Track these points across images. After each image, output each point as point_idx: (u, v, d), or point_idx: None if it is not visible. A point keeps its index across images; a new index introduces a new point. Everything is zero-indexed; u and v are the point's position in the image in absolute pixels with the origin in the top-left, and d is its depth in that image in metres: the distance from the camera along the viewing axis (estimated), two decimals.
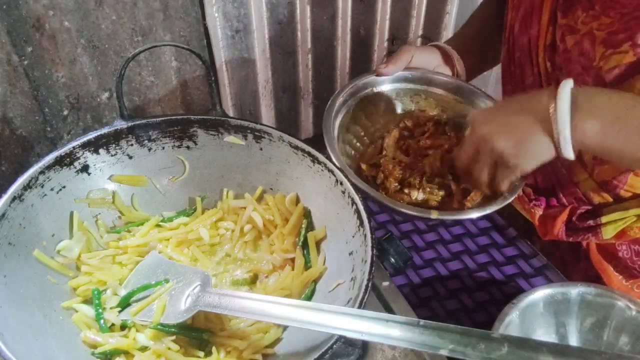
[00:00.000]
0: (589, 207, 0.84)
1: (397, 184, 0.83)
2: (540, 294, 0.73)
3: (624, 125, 0.60)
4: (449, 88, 0.92)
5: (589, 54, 0.72)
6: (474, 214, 0.75)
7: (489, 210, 0.75)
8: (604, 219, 0.82)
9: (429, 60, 0.91)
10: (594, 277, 0.87)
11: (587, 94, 0.62)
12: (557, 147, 0.62)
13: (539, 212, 0.88)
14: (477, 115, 0.69)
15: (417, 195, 0.81)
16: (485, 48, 0.95)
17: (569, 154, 0.62)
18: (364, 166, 0.87)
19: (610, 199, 0.82)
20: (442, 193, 0.82)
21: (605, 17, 0.70)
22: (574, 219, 0.85)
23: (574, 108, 0.60)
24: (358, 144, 0.91)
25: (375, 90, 0.91)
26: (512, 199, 0.75)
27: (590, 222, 0.83)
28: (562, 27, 0.75)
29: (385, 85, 0.91)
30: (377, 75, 0.88)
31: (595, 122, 0.60)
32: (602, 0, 0.70)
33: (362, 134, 0.92)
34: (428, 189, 0.82)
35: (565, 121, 0.60)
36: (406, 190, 0.82)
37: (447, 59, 0.92)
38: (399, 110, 0.93)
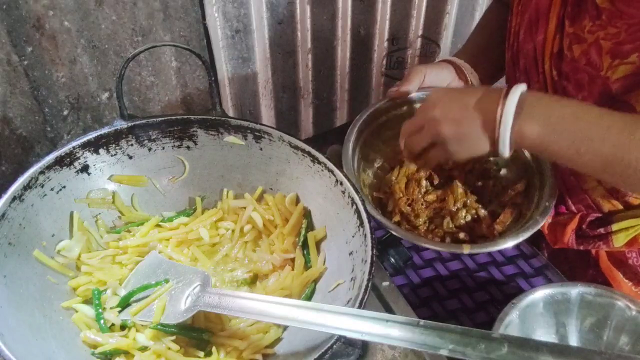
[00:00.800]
0: (599, 215, 0.83)
1: (425, 219, 0.82)
2: (540, 294, 0.73)
3: (563, 133, 0.63)
4: None
5: (596, 64, 0.72)
6: (507, 244, 0.73)
7: (522, 237, 0.73)
8: (614, 227, 0.81)
9: (442, 77, 0.90)
10: (602, 284, 0.87)
11: (533, 102, 0.64)
12: (495, 146, 0.66)
13: (548, 220, 0.87)
14: (436, 94, 0.72)
15: (448, 223, 0.81)
16: (496, 56, 0.94)
17: (505, 153, 0.66)
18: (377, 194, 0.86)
19: (620, 206, 0.82)
20: (468, 218, 0.81)
21: (612, 27, 0.69)
22: (584, 226, 0.84)
23: (518, 113, 0.64)
24: (380, 172, 0.90)
25: (391, 114, 0.89)
26: (544, 221, 0.75)
27: (601, 230, 0.82)
28: (570, 36, 0.75)
29: (401, 109, 0.89)
30: (390, 98, 0.87)
31: (535, 128, 0.64)
32: (609, 10, 0.69)
33: (383, 161, 0.90)
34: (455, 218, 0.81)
35: (507, 127, 0.64)
36: (436, 229, 0.81)
37: (459, 73, 0.91)
38: None
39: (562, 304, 0.74)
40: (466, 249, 0.73)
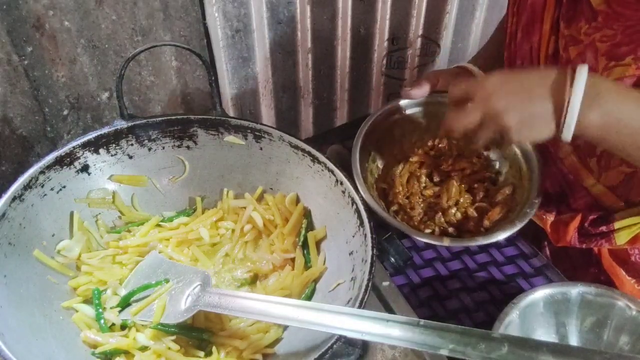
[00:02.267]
0: (601, 213, 0.83)
1: (420, 212, 0.86)
2: (540, 294, 0.73)
3: (628, 124, 0.62)
4: None
5: (592, 66, 0.71)
6: (480, 242, 0.77)
7: (494, 238, 0.76)
8: (616, 225, 0.81)
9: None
10: (605, 282, 0.87)
11: (598, 87, 0.63)
12: (558, 132, 0.64)
13: (550, 218, 0.87)
14: (490, 80, 0.67)
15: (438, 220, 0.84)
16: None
17: (567, 139, 0.64)
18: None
19: (622, 204, 0.81)
20: (459, 215, 0.84)
21: (608, 29, 0.69)
22: (586, 224, 0.84)
23: (585, 100, 0.62)
24: (388, 165, 0.93)
25: (403, 113, 0.92)
26: (522, 225, 0.77)
27: (603, 228, 0.82)
28: (566, 37, 0.75)
29: (412, 109, 0.92)
30: (403, 98, 0.88)
31: (597, 118, 0.62)
32: (605, 12, 0.69)
33: (392, 155, 0.94)
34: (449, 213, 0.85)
35: (575, 113, 0.62)
36: (428, 222, 0.84)
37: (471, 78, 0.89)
38: (426, 131, 0.95)
39: (562, 304, 0.74)
40: (446, 242, 0.76)
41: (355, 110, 1.40)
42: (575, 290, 0.73)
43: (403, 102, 0.91)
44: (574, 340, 0.74)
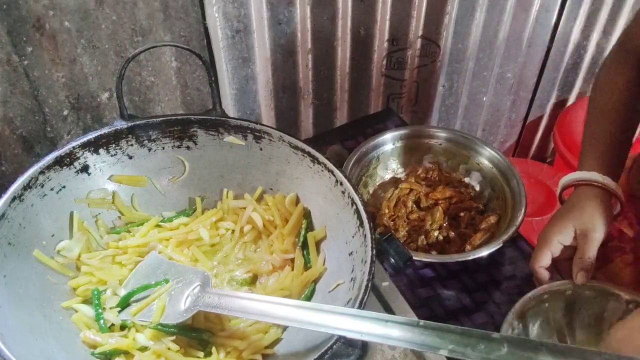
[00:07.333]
0: None
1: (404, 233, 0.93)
2: (547, 290, 0.74)
3: None
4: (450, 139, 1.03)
5: None
6: (451, 259, 0.84)
7: (478, 254, 0.83)
8: None
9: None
10: None
11: None
12: None
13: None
14: None
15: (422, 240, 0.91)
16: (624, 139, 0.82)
17: None
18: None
19: None
20: (441, 238, 0.91)
21: None
22: None
23: None
24: (378, 190, 1.03)
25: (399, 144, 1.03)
26: (497, 247, 0.84)
27: None
28: None
29: (404, 141, 1.03)
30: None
31: None
32: None
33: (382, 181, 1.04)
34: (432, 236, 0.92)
35: None
36: (411, 244, 0.91)
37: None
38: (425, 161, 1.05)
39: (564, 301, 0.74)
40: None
41: (355, 111, 1.40)
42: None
43: (391, 135, 1.01)
44: (576, 337, 0.75)
